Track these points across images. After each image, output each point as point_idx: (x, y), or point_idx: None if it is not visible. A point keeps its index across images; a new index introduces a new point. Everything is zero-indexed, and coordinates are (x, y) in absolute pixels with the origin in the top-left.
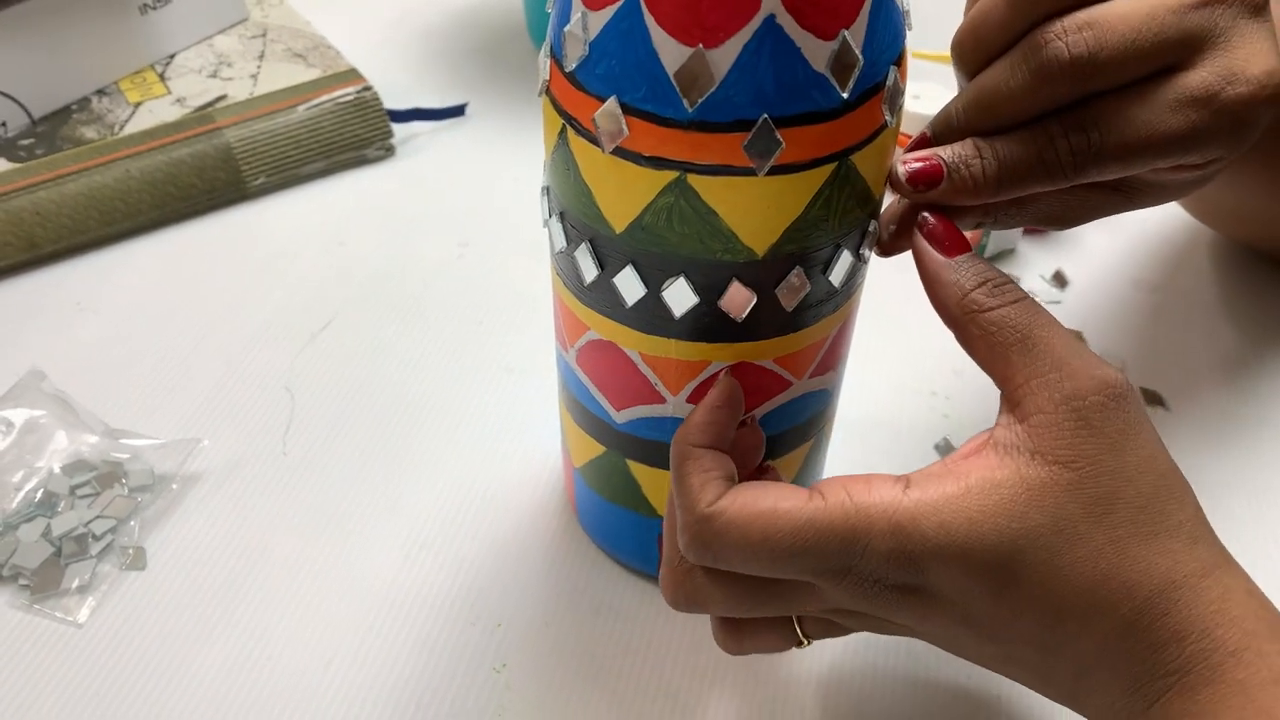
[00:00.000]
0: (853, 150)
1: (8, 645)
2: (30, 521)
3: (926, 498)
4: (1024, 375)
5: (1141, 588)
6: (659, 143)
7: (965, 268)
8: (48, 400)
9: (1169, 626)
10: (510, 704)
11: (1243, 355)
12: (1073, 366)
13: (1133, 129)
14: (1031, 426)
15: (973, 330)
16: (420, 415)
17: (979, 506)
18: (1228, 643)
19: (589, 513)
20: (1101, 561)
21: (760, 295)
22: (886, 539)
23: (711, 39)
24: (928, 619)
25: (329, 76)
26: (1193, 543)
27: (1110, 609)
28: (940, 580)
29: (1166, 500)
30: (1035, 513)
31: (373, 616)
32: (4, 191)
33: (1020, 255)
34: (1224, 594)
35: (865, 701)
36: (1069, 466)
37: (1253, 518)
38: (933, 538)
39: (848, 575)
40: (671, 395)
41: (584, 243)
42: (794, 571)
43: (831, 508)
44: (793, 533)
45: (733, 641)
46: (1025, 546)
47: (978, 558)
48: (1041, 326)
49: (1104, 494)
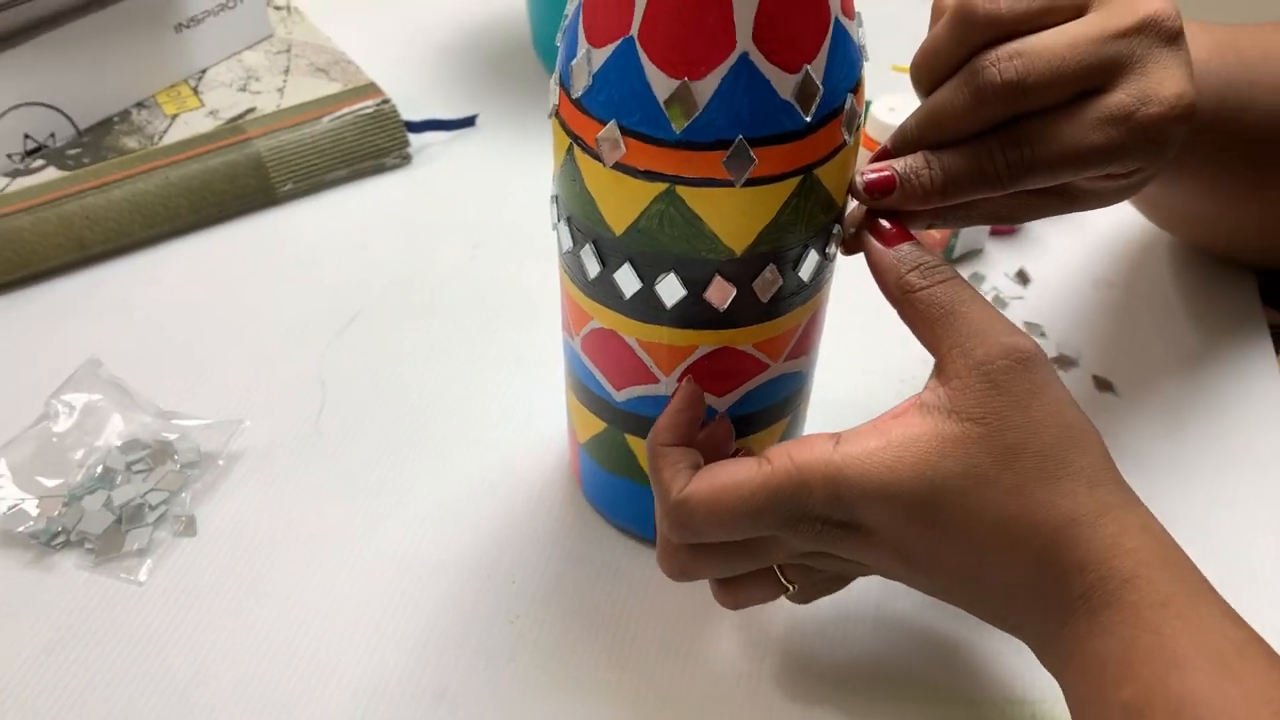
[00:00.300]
0: (816, 165)
1: (78, 601)
2: (93, 493)
3: (852, 451)
4: (947, 344)
5: (1046, 525)
6: (652, 159)
7: (903, 255)
8: (104, 386)
9: (1072, 558)
10: (523, 650)
11: (1189, 347)
12: (986, 335)
13: (1060, 144)
14: (950, 389)
15: (907, 307)
16: (439, 401)
17: (896, 457)
18: (1122, 571)
19: (592, 483)
20: (1010, 503)
21: (740, 288)
22: (823, 488)
23: (695, 72)
24: (870, 552)
25: (350, 90)
26: (1093, 486)
27: (1022, 544)
28: (870, 517)
29: (1069, 449)
30: (948, 462)
31: (400, 576)
32: (56, 197)
33: (987, 255)
34: (1120, 530)
35: (835, 641)
36: (979, 422)
37: (1191, 491)
38: (856, 483)
39: (800, 522)
40: (664, 376)
41: (588, 243)
42: (758, 529)
43: (777, 470)
44: (750, 498)
45: (729, 598)
46: (940, 489)
47: (899, 499)
48: (963, 302)
49: (1010, 444)
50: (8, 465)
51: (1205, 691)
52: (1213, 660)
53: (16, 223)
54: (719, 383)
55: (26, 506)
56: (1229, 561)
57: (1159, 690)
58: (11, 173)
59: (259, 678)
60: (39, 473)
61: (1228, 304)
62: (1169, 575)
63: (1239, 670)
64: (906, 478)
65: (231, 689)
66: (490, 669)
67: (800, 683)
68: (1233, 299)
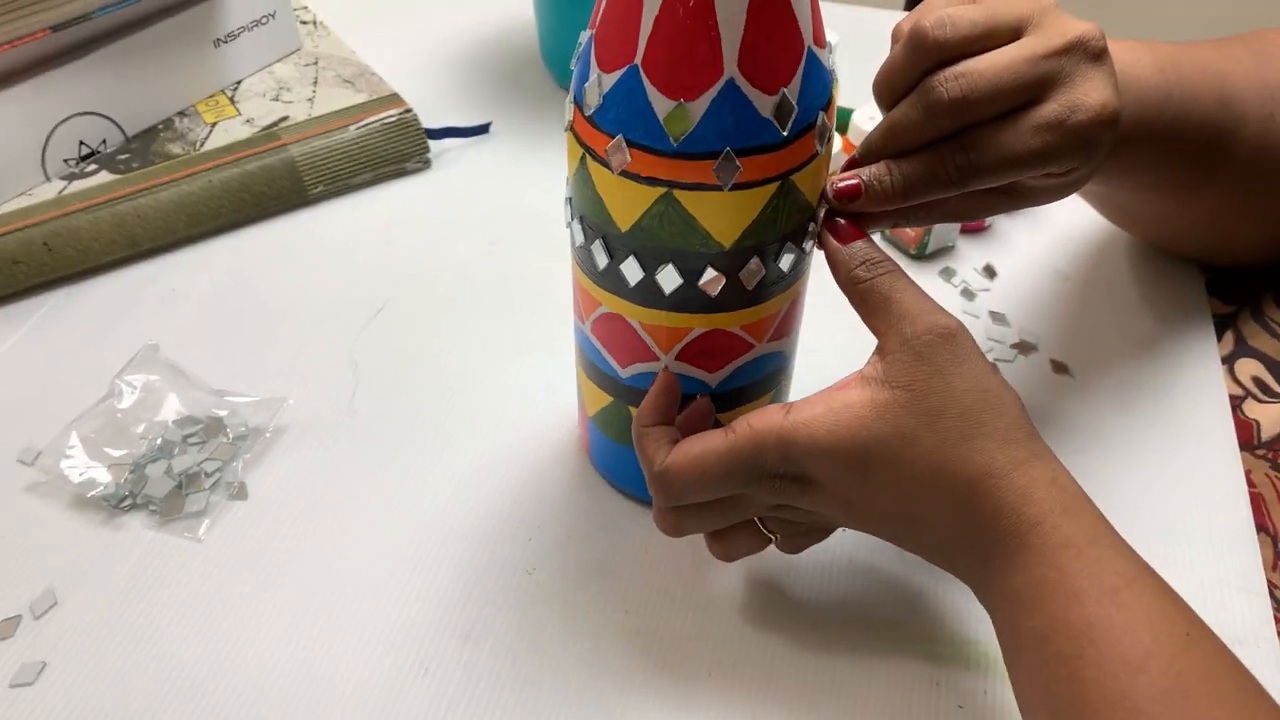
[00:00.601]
0: (792, 172)
1: (144, 556)
2: (154, 462)
3: (800, 418)
4: (884, 326)
5: (965, 477)
6: (652, 167)
7: (854, 251)
8: (162, 367)
9: (988, 507)
10: (538, 597)
11: (1139, 334)
12: (916, 316)
13: (1002, 149)
14: (885, 362)
15: (855, 296)
16: (460, 381)
17: (836, 420)
18: (1031, 517)
19: (599, 452)
20: (934, 457)
21: (728, 278)
22: (776, 449)
23: (689, 95)
24: (820, 502)
25: (375, 100)
26: (1006, 443)
27: (946, 494)
28: (816, 472)
29: (984, 411)
30: (880, 424)
31: (427, 535)
32: (110, 199)
33: (958, 251)
34: (1029, 481)
35: (813, 588)
36: (906, 388)
37: (1139, 460)
38: (803, 442)
39: (760, 479)
40: (663, 354)
41: (598, 239)
42: (728, 489)
43: (739, 436)
44: (717, 463)
45: (721, 549)
46: (873, 447)
47: (839, 456)
48: (899, 290)
49: (933, 407)
50: (79, 437)
51: (1097, 618)
52: (1105, 591)
53: (75, 222)
54: (711, 360)
55: (96, 474)
56: (1170, 519)
57: (1060, 618)
58: (68, 176)
59: (306, 619)
60: (106, 444)
61: (1176, 295)
62: (1071, 520)
63: (1126, 599)
64: (844, 437)
65: (282, 629)
66: (510, 613)
67: (781, 622)
68: (1181, 290)
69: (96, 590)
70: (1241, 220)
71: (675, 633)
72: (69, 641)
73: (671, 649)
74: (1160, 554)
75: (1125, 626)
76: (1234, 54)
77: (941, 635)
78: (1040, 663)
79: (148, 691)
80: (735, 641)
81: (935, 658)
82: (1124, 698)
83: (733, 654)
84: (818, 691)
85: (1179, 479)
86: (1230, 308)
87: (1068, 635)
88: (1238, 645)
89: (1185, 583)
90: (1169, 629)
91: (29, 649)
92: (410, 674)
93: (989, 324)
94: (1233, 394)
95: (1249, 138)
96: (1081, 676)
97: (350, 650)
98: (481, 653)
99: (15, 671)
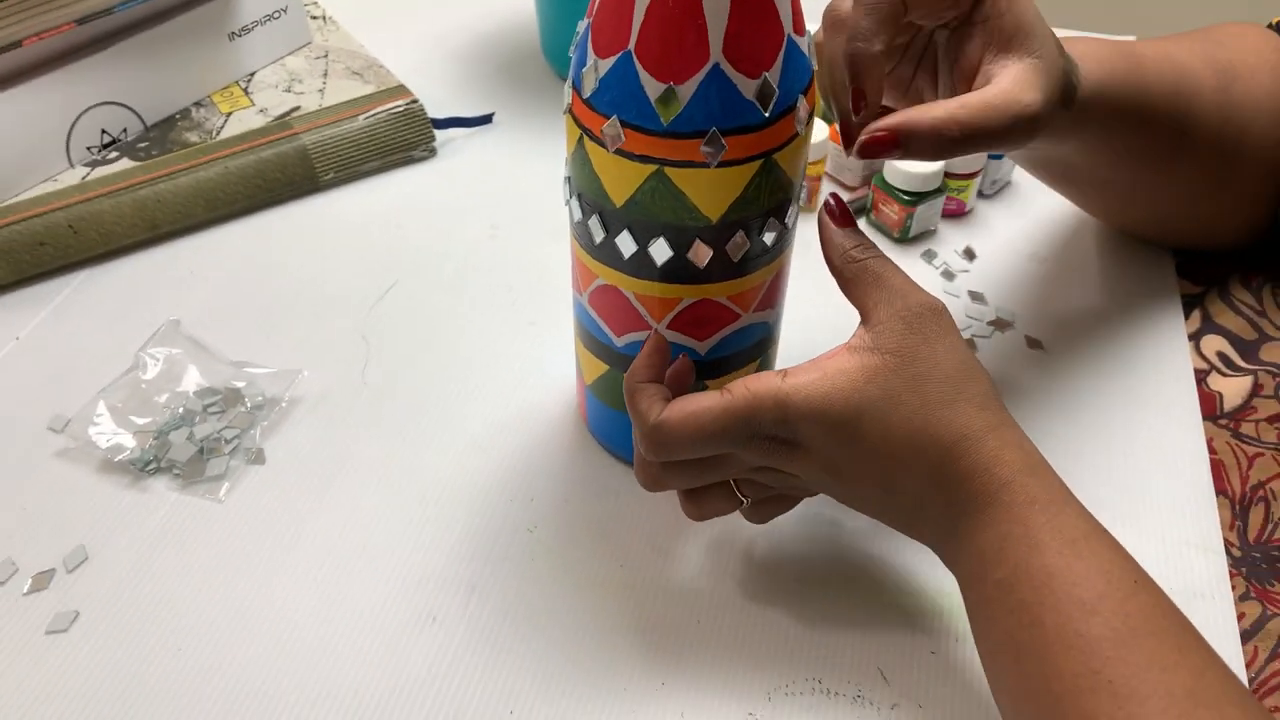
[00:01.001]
0: (774, 151)
1: (169, 517)
2: (177, 429)
3: (797, 381)
4: (874, 300)
5: (944, 438)
6: (645, 146)
7: (848, 234)
8: (183, 341)
9: (964, 467)
10: (539, 554)
11: (1110, 313)
12: (905, 293)
13: None
14: (874, 333)
15: (846, 274)
16: (465, 355)
17: (832, 384)
18: (1001, 476)
19: (596, 419)
20: (916, 419)
21: (715, 250)
22: (772, 410)
23: (678, 78)
24: (806, 466)
25: (382, 91)
26: (981, 409)
27: (925, 454)
28: (807, 435)
29: (964, 379)
30: (870, 386)
31: (435, 497)
32: (131, 184)
33: (939, 234)
34: (1001, 444)
35: (794, 547)
36: (894, 354)
37: (1106, 428)
38: (799, 405)
39: (752, 439)
40: (656, 323)
41: (594, 214)
42: (719, 447)
43: (736, 397)
44: (713, 420)
45: (694, 508)
46: (864, 408)
47: (831, 418)
48: (890, 272)
49: (919, 373)
50: (106, 406)
51: (1057, 566)
52: (1065, 543)
53: (99, 206)
54: (700, 329)
55: (123, 440)
56: (1137, 483)
57: (1023, 567)
58: (91, 163)
59: (321, 574)
60: (132, 413)
61: (1146, 276)
62: (1037, 481)
63: (1083, 550)
64: (838, 400)
65: (301, 583)
66: (513, 568)
67: (764, 576)
68: (1150, 272)
69: (124, 547)
70: (1209, 201)
71: (665, 585)
72: (99, 593)
73: (662, 600)
74: (1127, 515)
75: (1082, 573)
76: (1183, 43)
77: (914, 587)
78: (1005, 611)
79: (172, 639)
80: (722, 593)
81: (909, 609)
82: (1079, 637)
83: (719, 604)
84: (799, 638)
85: (1145, 447)
86: (1199, 288)
87: (1030, 584)
88: (1196, 598)
89: (1149, 541)
90: (1120, 576)
91: (63, 600)
92: (419, 623)
93: (968, 303)
94: (1198, 368)
95: (1208, 112)
96: (1042, 621)
97: (362, 602)
98: (486, 604)
99: (50, 620)
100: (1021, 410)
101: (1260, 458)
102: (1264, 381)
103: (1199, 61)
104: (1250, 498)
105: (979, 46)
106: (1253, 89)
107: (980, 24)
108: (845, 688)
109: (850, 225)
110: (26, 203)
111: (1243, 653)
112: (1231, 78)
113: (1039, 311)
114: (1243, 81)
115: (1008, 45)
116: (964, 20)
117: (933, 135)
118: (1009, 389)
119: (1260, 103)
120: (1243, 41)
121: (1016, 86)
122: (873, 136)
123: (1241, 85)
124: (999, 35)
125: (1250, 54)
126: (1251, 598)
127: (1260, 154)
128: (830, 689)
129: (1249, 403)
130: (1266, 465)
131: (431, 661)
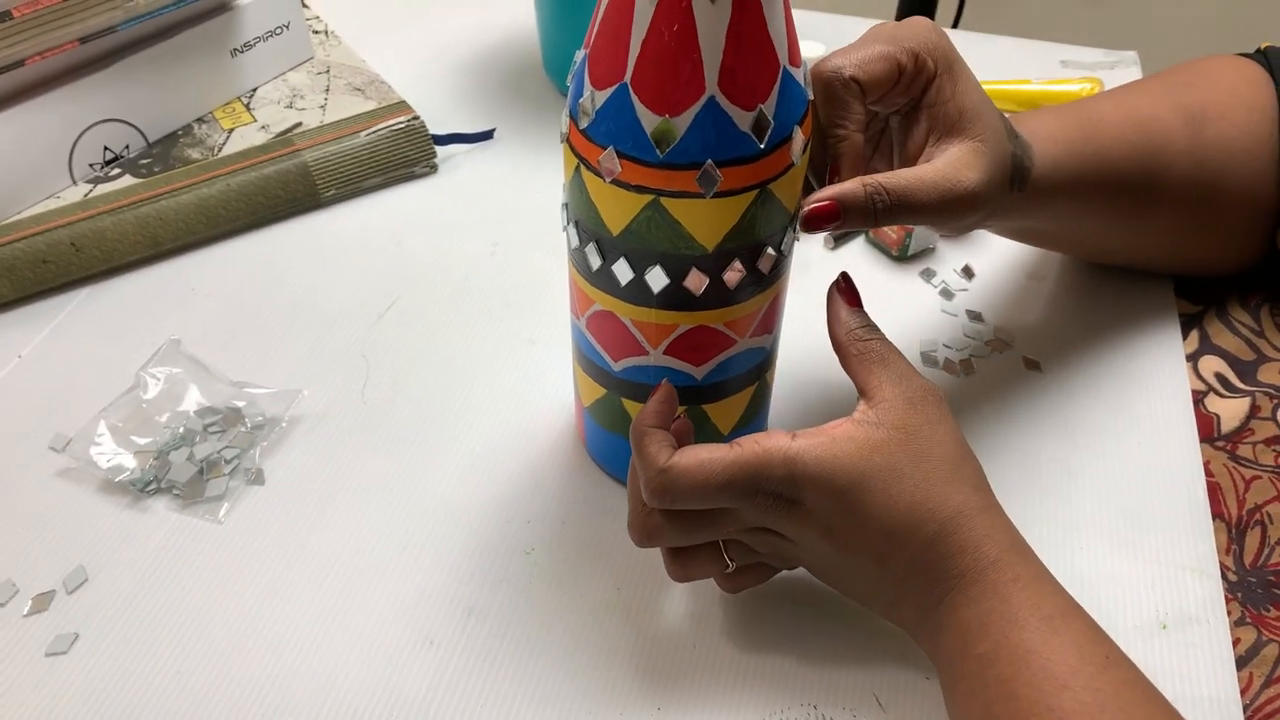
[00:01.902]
0: (769, 181)
1: (168, 537)
2: (178, 449)
3: (807, 443)
4: (877, 380)
5: (940, 514)
6: (641, 176)
7: (855, 314)
8: (184, 361)
9: (956, 543)
10: (536, 576)
11: (1108, 333)
12: (908, 376)
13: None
14: (878, 410)
15: (852, 352)
16: (464, 374)
17: (840, 449)
18: (990, 555)
19: (594, 441)
20: (917, 493)
21: (711, 278)
22: (780, 467)
23: (674, 111)
24: (804, 529)
25: (384, 107)
26: (975, 489)
27: (921, 527)
28: (812, 496)
29: (961, 460)
30: (876, 456)
31: (433, 518)
32: (133, 201)
33: (939, 252)
34: (991, 524)
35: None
36: (899, 430)
37: (1103, 454)
38: (808, 465)
39: (757, 494)
40: (652, 349)
41: (592, 242)
42: (723, 499)
43: (745, 451)
44: (724, 469)
45: (679, 569)
46: (869, 476)
47: (837, 482)
48: (893, 355)
49: (921, 450)
50: (107, 426)
51: (1034, 642)
52: (1042, 619)
53: (100, 223)
54: (696, 354)
55: (124, 460)
56: (1133, 506)
57: (1003, 643)
58: (94, 180)
59: (319, 595)
60: (132, 432)
61: (1144, 296)
62: (1021, 559)
63: (1059, 626)
64: (845, 465)
65: (300, 604)
66: (510, 590)
67: (760, 601)
68: (1148, 292)
69: (124, 568)
70: (1194, 240)
71: (662, 608)
72: (99, 615)
73: (659, 623)
74: (1123, 538)
75: (1057, 648)
76: (1152, 90)
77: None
78: (982, 686)
79: (172, 660)
80: (719, 617)
81: (905, 635)
82: (1050, 712)
83: (716, 628)
84: (795, 664)
85: (1142, 469)
86: (1197, 308)
87: (1009, 659)
88: (1191, 623)
89: (1145, 565)
90: (1092, 652)
91: (63, 621)
92: (417, 645)
93: (965, 322)
94: (1195, 389)
95: (1178, 161)
96: (1017, 695)
97: (361, 623)
98: (483, 626)
99: (50, 641)
100: (1019, 431)
101: (1257, 480)
102: (1261, 403)
103: (1166, 108)
104: (1247, 521)
105: (924, 130)
106: (1226, 130)
107: (927, 109)
108: (840, 713)
109: (858, 305)
110: (29, 220)
111: (1238, 679)
112: (1202, 121)
113: (1037, 332)
114: (1214, 123)
115: (951, 129)
116: (914, 105)
117: (864, 203)
118: (1007, 410)
119: (1234, 142)
120: (1215, 79)
121: (951, 166)
122: (815, 208)
123: (1213, 127)
124: (944, 120)
125: (1224, 92)
126: (1247, 623)
127: (1241, 193)
128: (826, 714)
129: (1246, 425)
130: (1264, 488)
131: (429, 683)
